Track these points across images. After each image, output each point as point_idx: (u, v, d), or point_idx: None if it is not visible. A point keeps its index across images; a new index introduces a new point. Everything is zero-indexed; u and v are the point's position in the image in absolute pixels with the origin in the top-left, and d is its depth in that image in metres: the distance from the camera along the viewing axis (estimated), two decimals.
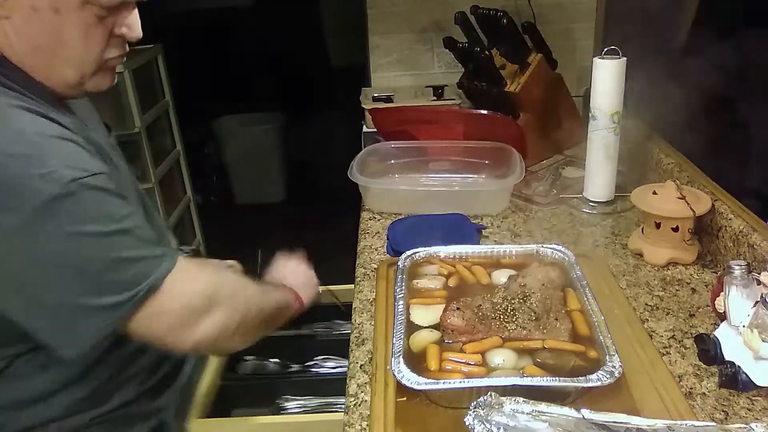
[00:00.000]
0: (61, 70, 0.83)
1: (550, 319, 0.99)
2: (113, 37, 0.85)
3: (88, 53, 0.83)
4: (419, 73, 2.06)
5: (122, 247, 0.78)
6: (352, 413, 0.92)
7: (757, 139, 1.22)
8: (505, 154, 1.57)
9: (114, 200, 0.79)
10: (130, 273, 0.78)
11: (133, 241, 0.80)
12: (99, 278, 0.77)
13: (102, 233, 0.77)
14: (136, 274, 0.79)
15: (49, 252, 0.74)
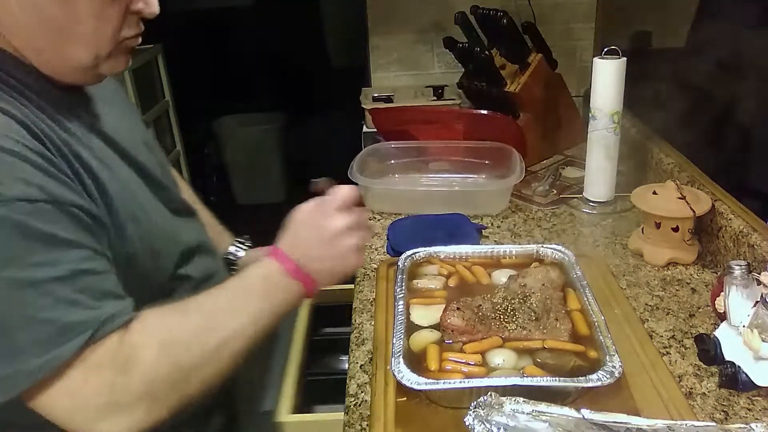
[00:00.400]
0: (74, 50, 0.73)
1: (550, 319, 0.99)
2: (129, 14, 0.76)
3: (104, 31, 0.74)
4: (419, 73, 2.06)
5: (19, 303, 0.63)
6: (352, 413, 0.92)
7: (758, 139, 1.22)
8: (505, 154, 1.57)
9: (27, 240, 0.63)
10: (20, 340, 0.63)
11: (37, 299, 0.64)
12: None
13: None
14: (28, 344, 0.63)
15: None
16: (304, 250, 0.82)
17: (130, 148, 0.84)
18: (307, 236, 0.83)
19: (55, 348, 0.64)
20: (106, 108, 0.86)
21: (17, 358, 0.63)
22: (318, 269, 0.83)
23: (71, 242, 0.67)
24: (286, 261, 0.81)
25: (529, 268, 1.09)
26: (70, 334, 0.65)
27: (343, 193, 0.86)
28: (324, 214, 0.84)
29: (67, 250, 0.66)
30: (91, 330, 0.66)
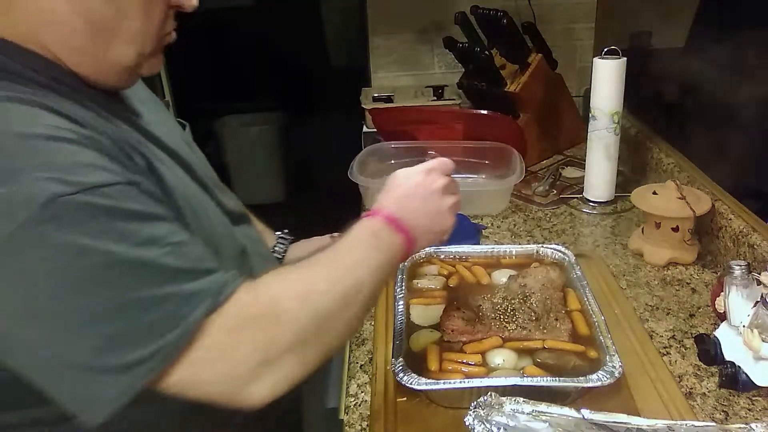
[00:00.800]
0: (120, 49, 0.70)
1: (550, 320, 0.99)
2: (170, 8, 0.73)
3: (150, 27, 0.71)
4: (419, 73, 2.06)
5: (134, 284, 0.60)
6: (352, 413, 0.92)
7: (758, 139, 1.22)
8: (505, 154, 1.57)
9: (124, 221, 0.61)
10: (149, 319, 0.61)
11: (154, 273, 0.62)
12: (101, 328, 0.59)
13: (100, 267, 0.59)
14: (159, 320, 0.61)
15: (29, 297, 0.58)
16: (404, 206, 0.83)
17: (176, 147, 0.82)
18: (407, 194, 0.85)
19: (184, 318, 0.62)
20: (144, 108, 0.83)
21: (150, 337, 0.61)
22: (417, 225, 0.83)
23: (161, 216, 0.65)
24: (389, 216, 0.81)
25: (530, 269, 1.09)
26: (195, 302, 0.63)
27: (441, 161, 0.91)
28: (423, 175, 0.88)
29: (160, 224, 0.65)
30: (215, 292, 0.64)
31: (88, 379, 0.60)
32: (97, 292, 0.59)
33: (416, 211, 0.84)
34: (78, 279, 0.58)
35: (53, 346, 0.59)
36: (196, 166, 0.85)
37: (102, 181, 0.61)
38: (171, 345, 0.61)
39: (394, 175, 0.88)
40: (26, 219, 0.56)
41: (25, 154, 0.58)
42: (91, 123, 0.66)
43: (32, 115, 0.62)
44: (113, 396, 0.61)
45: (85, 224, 0.58)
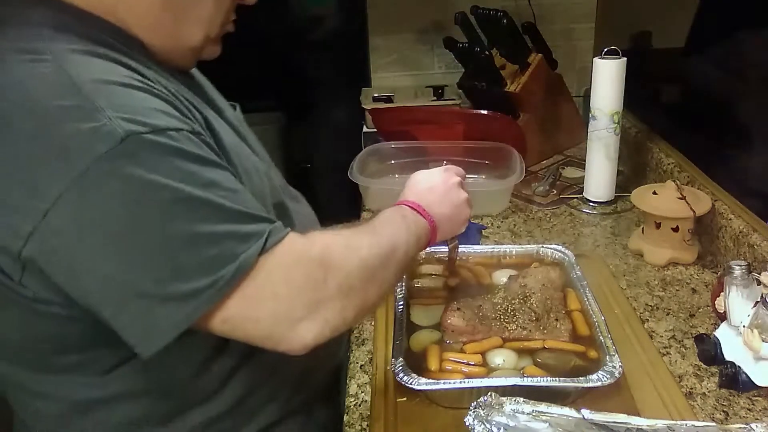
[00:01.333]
0: (190, 30, 0.76)
1: (551, 320, 0.99)
2: (234, 1, 0.80)
3: (219, 13, 0.78)
4: (419, 74, 2.06)
5: (197, 219, 0.64)
6: (353, 413, 0.92)
7: (758, 138, 1.22)
8: (505, 155, 1.57)
9: (190, 163, 0.65)
10: (209, 253, 0.64)
11: (215, 212, 0.65)
12: (166, 259, 0.64)
13: (168, 201, 0.63)
14: (218, 255, 0.65)
15: (101, 224, 0.62)
16: (426, 198, 0.93)
17: (235, 122, 0.87)
18: (428, 187, 0.95)
19: (242, 254, 0.66)
20: (207, 87, 0.90)
21: (209, 269, 0.64)
22: (439, 213, 0.93)
23: (220, 164, 0.70)
24: (414, 204, 0.91)
25: (530, 269, 1.09)
26: (251, 241, 0.67)
27: (454, 166, 1.04)
28: (440, 172, 0.99)
29: (220, 171, 0.69)
30: (270, 234, 0.68)
31: (151, 307, 0.64)
32: (164, 225, 0.63)
33: (438, 202, 0.94)
34: (147, 211, 0.63)
35: (122, 275, 0.63)
36: (252, 140, 0.92)
37: (171, 125, 0.65)
38: (228, 278, 0.65)
39: (414, 175, 0.99)
40: (106, 152, 0.61)
41: (104, 96, 0.63)
42: (158, 80, 0.71)
43: (107, 66, 0.67)
44: (172, 324, 0.65)
45: (157, 161, 0.63)
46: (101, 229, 0.62)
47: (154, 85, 0.69)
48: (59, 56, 0.65)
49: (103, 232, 0.62)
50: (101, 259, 0.63)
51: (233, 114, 0.93)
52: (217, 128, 0.77)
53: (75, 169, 0.60)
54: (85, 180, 0.60)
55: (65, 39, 0.67)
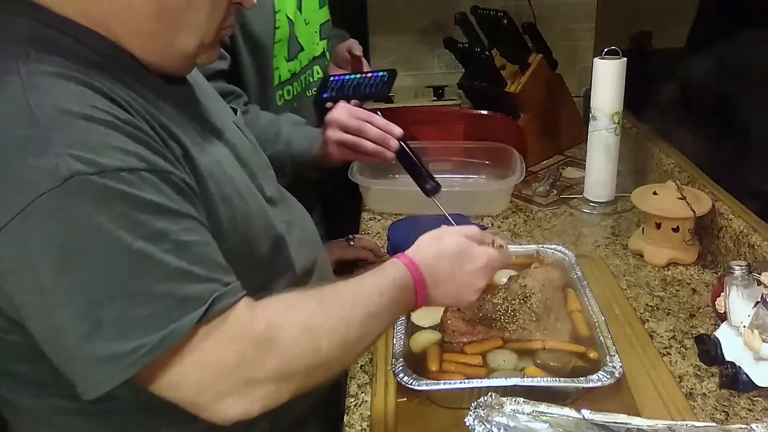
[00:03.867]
0: (183, 37, 0.72)
1: (551, 320, 0.99)
2: (231, 4, 0.76)
3: (213, 19, 0.74)
4: (420, 74, 2.06)
5: (132, 275, 0.60)
6: (353, 414, 0.92)
7: (758, 139, 1.22)
8: (505, 155, 1.57)
9: (138, 210, 0.61)
10: (138, 315, 0.60)
11: (154, 269, 0.61)
12: (90, 313, 0.60)
13: (103, 251, 0.59)
14: (147, 318, 0.60)
15: (35, 263, 0.59)
16: (439, 267, 0.84)
17: (225, 129, 0.84)
18: (448, 254, 0.85)
19: (174, 322, 0.61)
20: (203, 95, 0.86)
21: (135, 333, 0.60)
22: (442, 291, 0.85)
23: (178, 212, 0.65)
24: (419, 278, 0.82)
25: (530, 269, 1.09)
26: (189, 307, 0.62)
27: (498, 241, 0.92)
28: (474, 245, 0.87)
29: (175, 220, 0.64)
30: (210, 301, 0.63)
31: (79, 359, 0.61)
32: (94, 277, 0.60)
33: (448, 277, 0.85)
34: (80, 257, 0.59)
35: (51, 318, 0.61)
36: (243, 148, 0.86)
37: (125, 165, 0.61)
38: (152, 346, 0.60)
39: (448, 230, 0.89)
40: (48, 191, 0.58)
41: (60, 129, 0.60)
42: (134, 105, 0.67)
43: (75, 92, 0.63)
44: (100, 381, 0.61)
45: (100, 206, 0.60)
46: (35, 269, 0.60)
47: (123, 114, 0.65)
48: (27, 80, 0.62)
49: (36, 271, 0.59)
50: (33, 297, 0.61)
51: (233, 119, 0.91)
52: (197, 156, 0.72)
53: (20, 203, 0.58)
54: (28, 215, 0.58)
55: (41, 58, 0.64)
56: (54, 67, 0.64)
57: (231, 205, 0.76)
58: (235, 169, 0.81)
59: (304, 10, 1.36)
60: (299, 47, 1.37)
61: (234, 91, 1.25)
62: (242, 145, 0.87)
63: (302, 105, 1.43)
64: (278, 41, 1.29)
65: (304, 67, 1.41)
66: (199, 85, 0.86)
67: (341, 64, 1.55)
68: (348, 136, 1.13)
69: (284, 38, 1.31)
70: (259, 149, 0.97)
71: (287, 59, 1.34)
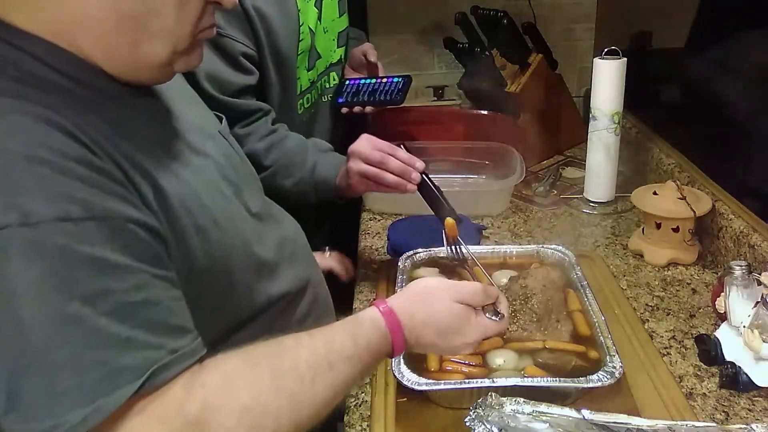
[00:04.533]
0: (150, 46, 0.67)
1: (552, 321, 0.99)
2: (208, 4, 0.70)
3: (184, 23, 0.68)
4: (420, 74, 2.05)
5: (60, 342, 0.54)
6: (353, 414, 0.92)
7: (758, 139, 1.22)
8: (505, 155, 1.56)
9: (76, 267, 0.55)
10: (61, 386, 0.54)
11: (86, 336, 0.54)
12: (7, 382, 0.54)
13: (28, 312, 0.53)
14: (71, 390, 0.54)
15: None
16: (420, 343, 0.78)
17: (204, 143, 0.79)
18: (431, 342, 0.78)
19: (102, 396, 0.54)
20: (177, 103, 0.80)
21: (60, 406, 0.54)
22: (417, 348, 0.80)
23: (124, 267, 0.58)
24: (399, 340, 0.75)
25: (531, 269, 1.09)
26: (123, 379, 0.55)
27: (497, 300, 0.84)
28: (462, 333, 0.79)
29: (119, 277, 0.57)
30: (146, 376, 0.56)
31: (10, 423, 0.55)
32: (15, 341, 0.53)
33: (432, 344, 0.79)
34: (3, 317, 0.53)
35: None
36: (228, 161, 0.82)
37: (66, 215, 0.55)
38: (75, 425, 0.54)
39: (445, 289, 0.80)
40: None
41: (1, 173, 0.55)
42: (95, 137, 0.62)
43: (21, 127, 0.58)
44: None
45: (29, 262, 0.54)
46: None
47: (80, 151, 0.59)
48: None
49: None
50: None
51: (219, 129, 0.87)
52: (165, 185, 0.67)
53: None
54: None
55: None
56: (11, 100, 0.59)
57: (206, 236, 0.72)
58: (214, 191, 0.77)
59: (323, 20, 1.36)
60: (317, 56, 1.37)
61: (261, 108, 1.24)
62: (228, 158, 0.83)
63: (319, 111, 1.43)
64: (301, 53, 1.29)
65: (321, 74, 1.41)
66: (175, 92, 0.81)
67: (356, 67, 1.55)
68: (370, 168, 1.11)
69: (306, 49, 1.31)
70: (246, 161, 0.92)
71: (307, 69, 1.35)
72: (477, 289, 0.81)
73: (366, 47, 1.54)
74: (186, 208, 0.69)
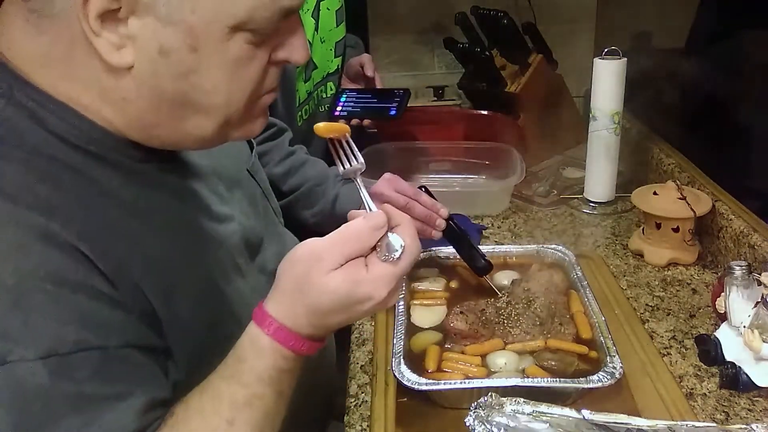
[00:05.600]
0: (195, 123, 0.61)
1: (555, 324, 0.98)
2: (270, 66, 0.62)
3: (236, 96, 0.61)
4: (420, 74, 2.06)
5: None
6: (353, 414, 0.91)
7: (758, 139, 1.22)
8: (505, 155, 1.57)
9: (36, 408, 0.53)
10: None
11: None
12: None
13: None
14: None
15: None
16: (320, 327, 0.65)
17: (230, 196, 0.75)
18: (331, 316, 0.64)
19: None
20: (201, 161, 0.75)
21: None
22: (329, 332, 0.68)
23: (104, 399, 0.57)
24: (297, 345, 0.64)
25: (533, 272, 1.08)
26: None
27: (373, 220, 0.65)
28: (356, 290, 0.63)
29: (100, 410, 0.56)
30: None
31: None
32: None
33: (340, 322, 0.66)
34: None
35: None
36: (251, 209, 0.78)
37: (41, 351, 0.53)
38: None
39: (312, 264, 0.63)
40: None
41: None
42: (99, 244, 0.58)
43: (22, 249, 0.54)
44: None
45: None
46: None
47: (72, 275, 0.56)
48: None
49: None
50: None
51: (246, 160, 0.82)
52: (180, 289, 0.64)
53: None
54: None
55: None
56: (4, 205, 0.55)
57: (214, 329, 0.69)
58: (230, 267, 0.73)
59: (321, 29, 1.35)
60: (314, 66, 1.36)
61: (275, 124, 1.21)
62: (253, 203, 0.78)
63: (316, 121, 1.41)
64: (299, 66, 1.28)
65: (317, 84, 1.40)
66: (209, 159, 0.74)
67: (354, 77, 1.53)
68: None
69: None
70: (271, 197, 0.88)
71: (304, 80, 1.33)
72: (359, 231, 0.63)
73: (364, 59, 1.52)
74: (193, 308, 0.66)
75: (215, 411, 0.61)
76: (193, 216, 0.71)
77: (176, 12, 0.55)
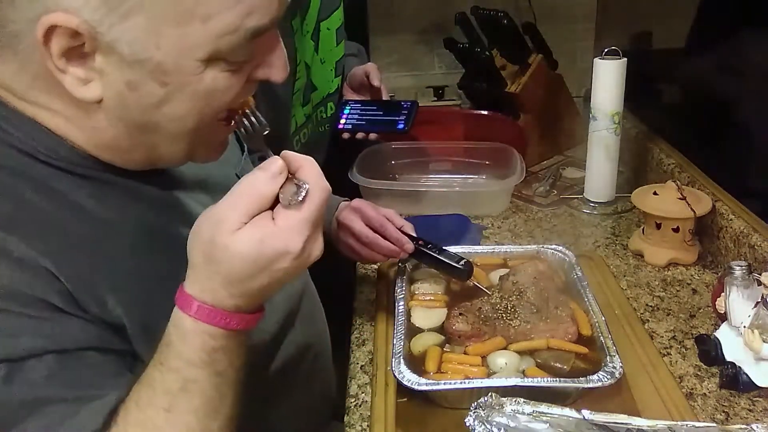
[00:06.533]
0: (167, 148, 0.62)
1: (551, 308, 0.99)
2: (248, 83, 0.62)
3: (208, 118, 0.60)
4: (420, 74, 2.06)
5: None
6: (353, 414, 0.92)
7: (758, 139, 1.22)
8: (505, 155, 1.57)
9: None
10: None
11: None
12: None
13: None
14: None
15: None
16: (242, 296, 0.60)
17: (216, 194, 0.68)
18: (250, 282, 0.59)
19: None
20: None
21: None
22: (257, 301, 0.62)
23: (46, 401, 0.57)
24: (224, 321, 0.59)
25: (517, 266, 1.09)
26: None
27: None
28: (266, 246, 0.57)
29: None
30: None
31: None
32: None
33: (261, 287, 0.60)
34: None
35: None
36: None
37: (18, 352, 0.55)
38: None
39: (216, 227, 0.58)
40: None
41: None
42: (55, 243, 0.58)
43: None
44: None
45: None
46: None
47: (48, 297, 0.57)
48: None
49: None
50: None
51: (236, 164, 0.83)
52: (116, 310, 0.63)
53: None
54: None
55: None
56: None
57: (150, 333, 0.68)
58: None
59: (321, 50, 1.30)
60: (312, 89, 1.31)
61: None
62: None
63: (316, 142, 1.37)
64: (296, 91, 1.24)
65: (317, 106, 1.35)
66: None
67: (357, 87, 1.48)
68: (360, 246, 1.07)
69: (302, 87, 1.26)
70: None
71: (302, 104, 1.29)
72: (255, 182, 0.58)
73: (369, 68, 1.47)
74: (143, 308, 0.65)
75: (150, 401, 0.59)
76: (174, 227, 0.70)
77: (141, 51, 0.54)
